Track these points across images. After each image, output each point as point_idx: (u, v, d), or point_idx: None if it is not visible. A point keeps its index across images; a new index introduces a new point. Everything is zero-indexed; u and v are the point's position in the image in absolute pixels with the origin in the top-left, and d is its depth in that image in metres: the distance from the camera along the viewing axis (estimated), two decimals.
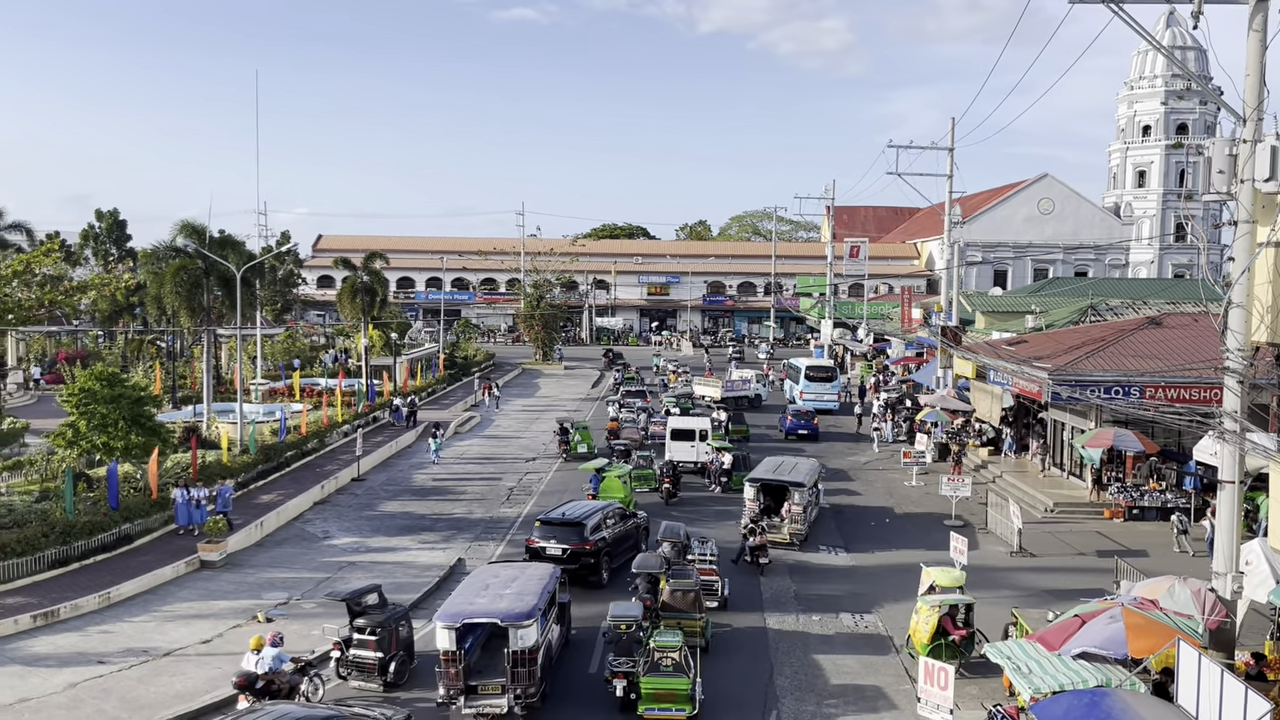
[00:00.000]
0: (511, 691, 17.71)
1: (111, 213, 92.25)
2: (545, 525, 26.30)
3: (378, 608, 19.89)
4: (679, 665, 18.08)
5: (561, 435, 44.26)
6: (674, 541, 24.71)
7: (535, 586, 19.37)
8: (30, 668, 19.91)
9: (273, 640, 18.14)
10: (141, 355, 65.43)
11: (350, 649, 19.29)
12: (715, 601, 23.61)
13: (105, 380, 30.44)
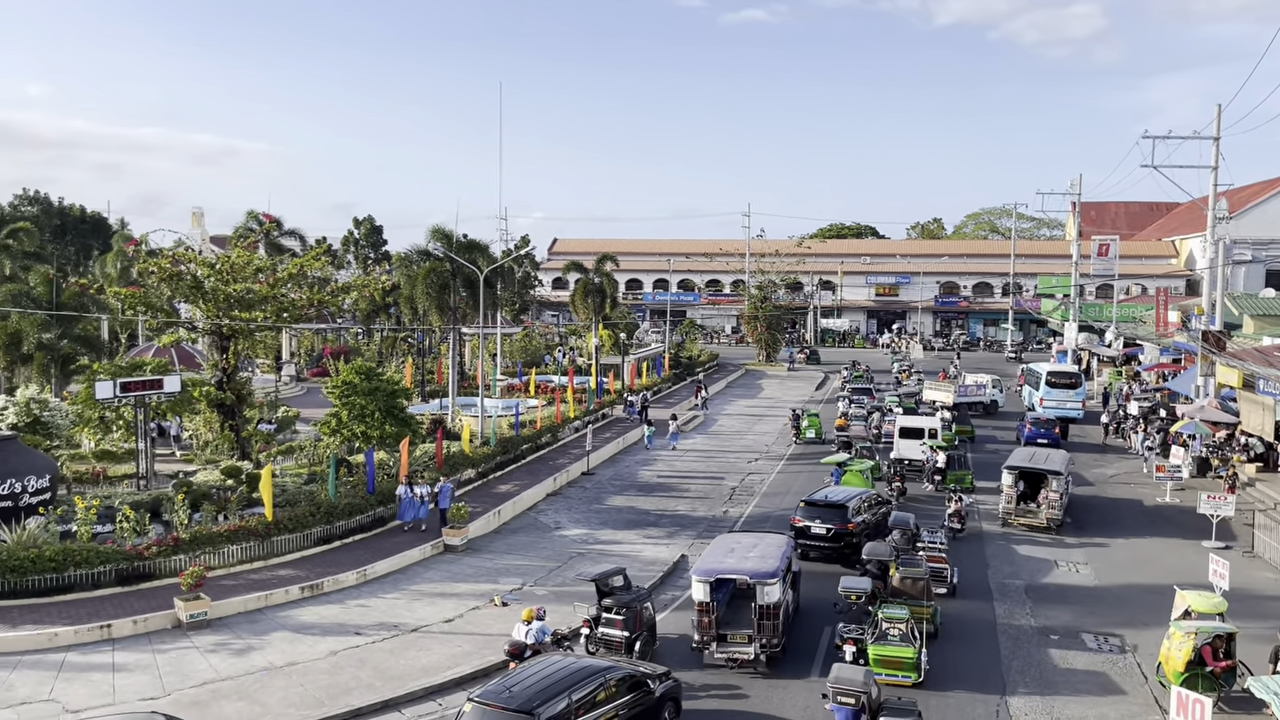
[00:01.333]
0: (757, 641, 20.30)
1: (368, 219, 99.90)
2: (810, 506, 28.21)
3: (623, 589, 21.48)
4: (905, 636, 19.65)
5: (794, 421, 49.12)
6: (904, 530, 25.93)
7: (775, 551, 21.95)
8: (298, 634, 21.99)
9: (538, 614, 20.07)
10: (395, 351, 70.62)
11: (599, 627, 20.80)
12: (944, 588, 24.69)
13: (364, 374, 33.07)
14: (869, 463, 36.53)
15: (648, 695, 17.53)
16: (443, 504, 29.63)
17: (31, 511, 26.30)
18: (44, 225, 66.46)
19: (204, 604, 22.41)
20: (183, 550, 24.71)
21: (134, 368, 34.71)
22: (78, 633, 21.27)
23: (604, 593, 21.07)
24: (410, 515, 29.68)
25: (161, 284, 34.32)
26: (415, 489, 29.81)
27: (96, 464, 34.44)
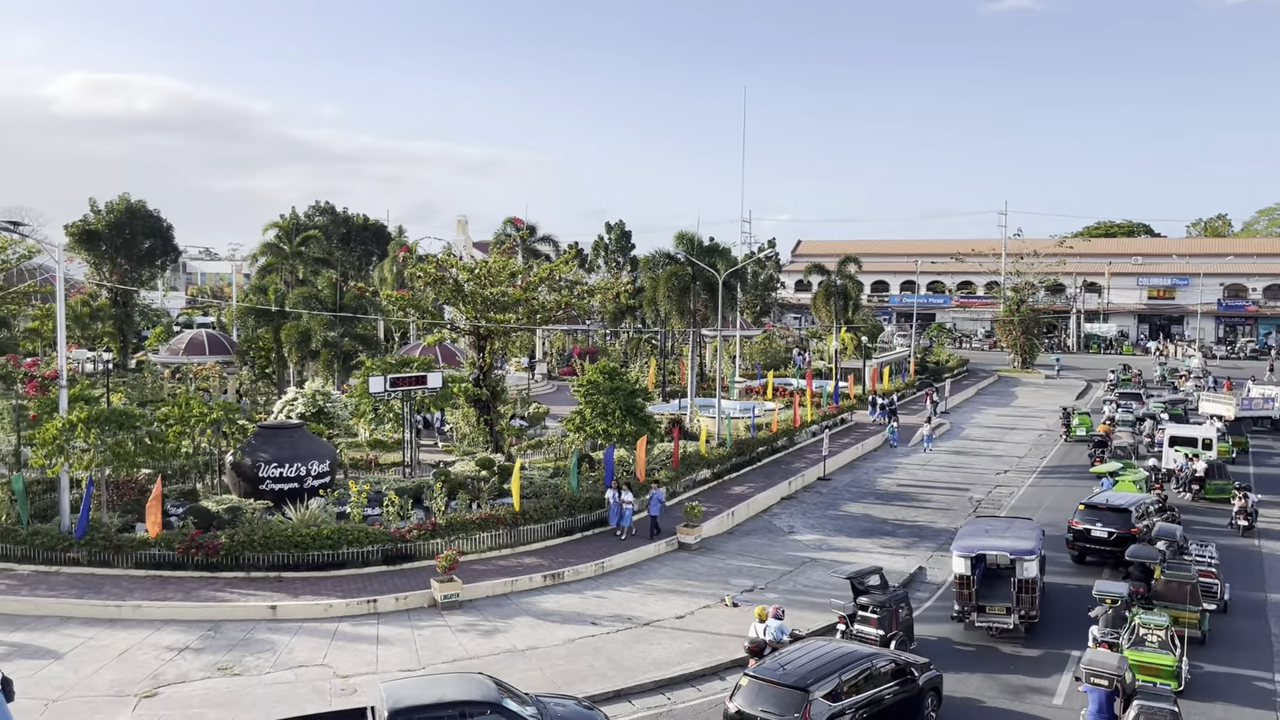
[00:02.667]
0: (1016, 612, 22.16)
1: (619, 224, 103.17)
2: (1090, 509, 28.40)
3: (880, 588, 21.88)
4: (1164, 643, 19.42)
5: (1064, 419, 50.28)
6: (1170, 541, 25.36)
7: (1030, 533, 23.87)
8: (539, 620, 23.16)
9: (775, 613, 20.53)
10: (639, 352, 72.63)
11: (854, 624, 21.25)
12: (1214, 605, 23.64)
13: (607, 374, 34.29)
14: (1142, 473, 35.42)
15: (911, 683, 18.21)
16: (652, 511, 29.66)
17: (313, 493, 29.21)
18: (332, 233, 73.17)
19: (457, 586, 24.05)
20: (439, 535, 26.63)
21: (402, 365, 37.71)
22: (348, 605, 23.42)
23: (859, 591, 21.57)
24: (614, 520, 29.50)
25: (427, 288, 37.12)
26: (623, 495, 29.37)
27: (370, 452, 37.75)
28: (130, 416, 27.32)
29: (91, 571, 25.12)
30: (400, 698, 15.74)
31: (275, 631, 22.19)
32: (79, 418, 26.01)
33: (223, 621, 22.65)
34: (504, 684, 16.99)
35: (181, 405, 30.76)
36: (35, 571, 25.20)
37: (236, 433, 30.41)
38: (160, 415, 29.81)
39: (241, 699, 18.70)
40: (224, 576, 24.91)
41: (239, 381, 51.35)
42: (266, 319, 50.92)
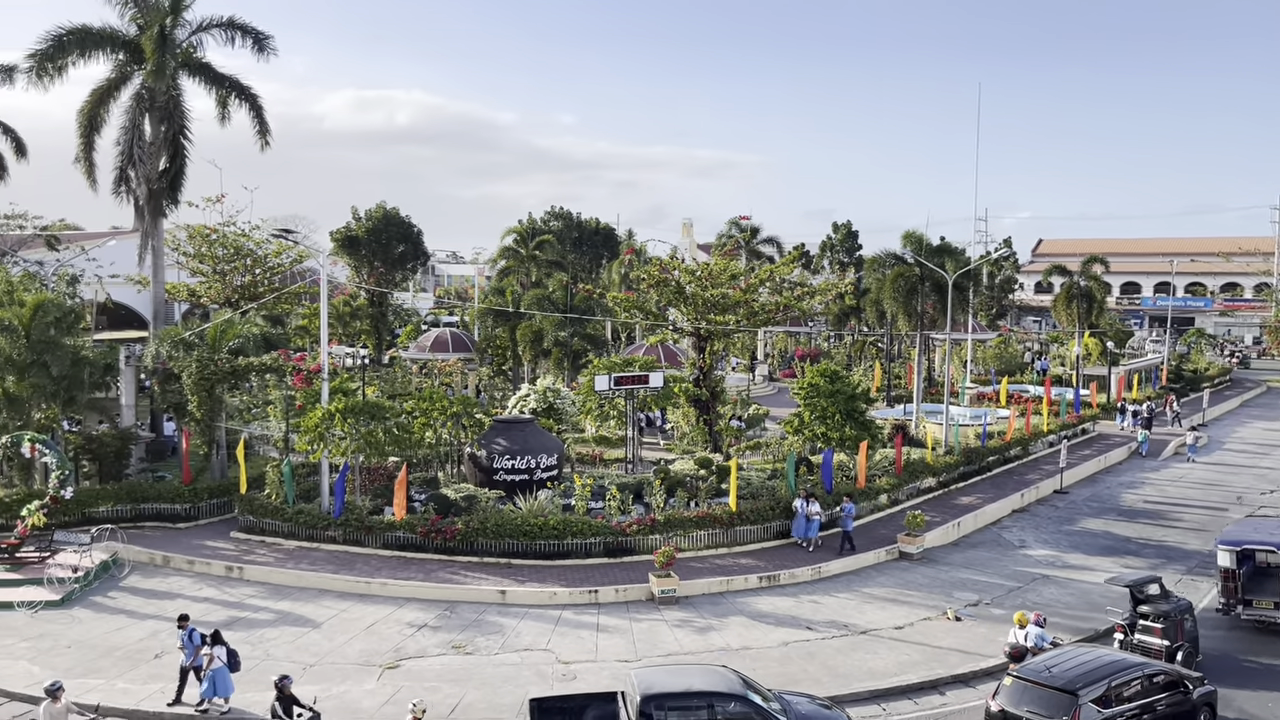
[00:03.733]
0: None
1: (845, 224, 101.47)
2: None
3: (1161, 598, 21.13)
4: None
5: None
6: None
7: None
8: (754, 621, 23.27)
9: (1037, 620, 20.35)
10: (863, 355, 71.14)
11: (1133, 633, 20.66)
12: None
13: (827, 377, 33.91)
14: None
15: (1185, 697, 17.71)
16: (845, 526, 28.34)
17: (541, 485, 30.63)
18: (565, 237, 76.22)
19: (673, 582, 24.56)
20: (658, 531, 27.28)
21: (626, 364, 38.81)
22: (571, 594, 24.43)
23: (1139, 600, 20.98)
24: (799, 531, 28.49)
25: (650, 289, 38.04)
26: (810, 505, 28.36)
27: (595, 447, 39.14)
28: (381, 408, 29.68)
29: (345, 549, 27.52)
30: (651, 684, 16.25)
31: (504, 615, 23.48)
32: (337, 408, 28.51)
33: (458, 603, 24.20)
34: (748, 678, 17.23)
35: (426, 399, 33.05)
36: (299, 547, 27.89)
37: (474, 426, 32.33)
38: (407, 408, 32.14)
39: (472, 676, 19.93)
40: (460, 560, 26.61)
41: (478, 378, 54.45)
42: (503, 319, 53.76)
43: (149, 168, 34.94)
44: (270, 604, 24.11)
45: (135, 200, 35.59)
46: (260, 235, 49.54)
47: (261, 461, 32.96)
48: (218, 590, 25.12)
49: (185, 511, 30.25)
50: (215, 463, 32.74)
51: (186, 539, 28.77)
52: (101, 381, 34.25)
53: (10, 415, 29.75)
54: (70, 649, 21.35)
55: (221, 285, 47.64)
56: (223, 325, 33.32)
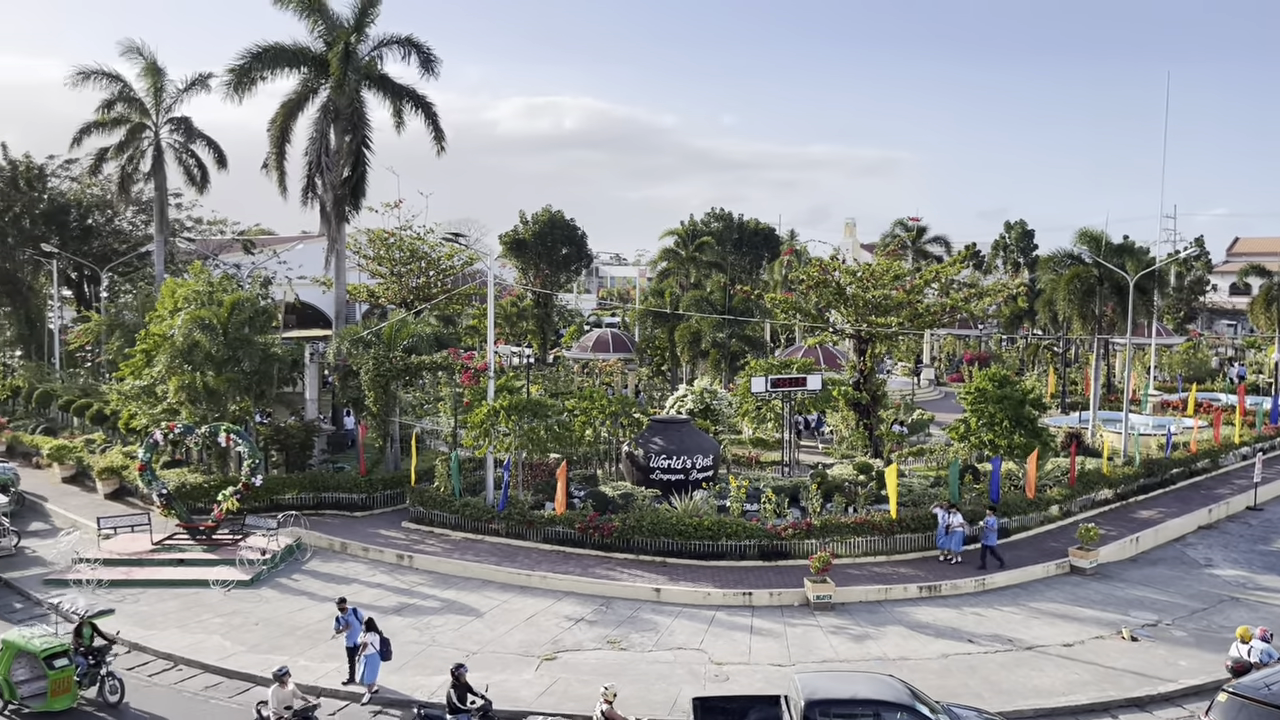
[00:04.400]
0: None
1: (1019, 223, 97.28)
2: None
3: None
4: None
5: None
6: None
7: None
8: (912, 631, 22.70)
9: (1263, 635, 19.26)
10: (1037, 360, 68.10)
11: None
12: None
13: (997, 381, 32.67)
14: None
15: None
16: (988, 541, 26.81)
17: (697, 485, 30.80)
18: (725, 239, 76.16)
19: (829, 588, 24.25)
20: (814, 536, 26.97)
21: (783, 366, 38.53)
22: (725, 595, 24.49)
23: None
24: (941, 543, 27.28)
25: (810, 291, 37.63)
26: (951, 517, 27.04)
27: (751, 449, 39.01)
28: (543, 406, 30.54)
29: (508, 542, 28.47)
30: (816, 689, 16.08)
31: (658, 613, 23.76)
32: (502, 405, 29.52)
33: (613, 599, 24.64)
34: (915, 688, 16.88)
35: (587, 398, 33.78)
36: (465, 538, 29.03)
37: (632, 425, 32.82)
38: (568, 406, 32.95)
39: (626, 672, 20.26)
40: (616, 557, 27.08)
41: (637, 378, 55.20)
42: (662, 320, 54.31)
43: (334, 175, 37.06)
44: (437, 592, 25.21)
45: (321, 206, 37.82)
46: (434, 239, 51.82)
47: (432, 455, 34.47)
48: (389, 577, 26.44)
49: (361, 501, 32.00)
50: (389, 455, 34.46)
51: (362, 527, 30.41)
52: (289, 377, 36.66)
53: (209, 407, 32.16)
54: (258, 626, 22.93)
55: (398, 286, 50.07)
56: (398, 325, 35.02)
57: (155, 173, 46.55)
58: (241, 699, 19.47)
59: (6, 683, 18.61)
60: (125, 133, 45.68)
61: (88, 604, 19.89)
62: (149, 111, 45.67)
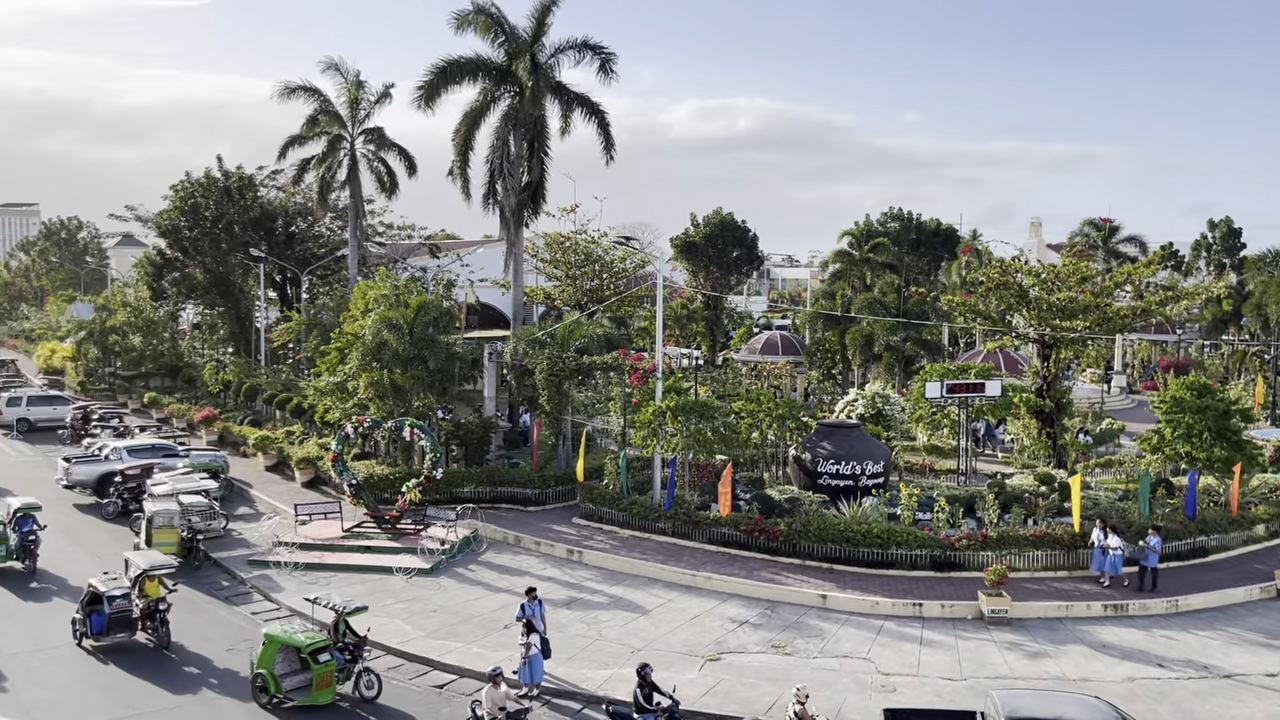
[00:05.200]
0: None
1: (1225, 221, 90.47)
2: None
3: None
4: None
5: None
6: None
7: None
8: (1095, 652, 21.54)
9: None
10: (1243, 368, 63.16)
11: None
12: None
13: (1195, 390, 30.58)
14: None
15: None
16: (1148, 562, 24.82)
17: (866, 491, 30.19)
18: (902, 239, 74.26)
19: (1005, 602, 23.32)
20: (989, 548, 25.98)
21: (960, 371, 37.26)
22: (894, 605, 23.93)
23: None
24: (1095, 565, 25.57)
25: (989, 293, 36.23)
26: (1109, 538, 25.28)
27: (925, 457, 37.93)
28: (710, 408, 30.69)
29: (674, 541, 28.76)
30: (1017, 708, 15.50)
31: (824, 619, 23.46)
32: (669, 406, 29.86)
33: (778, 603, 24.50)
34: (1125, 713, 16.05)
35: (754, 400, 33.70)
36: (632, 536, 29.51)
37: (800, 429, 32.52)
38: (735, 408, 32.97)
39: (790, 677, 20.10)
40: (781, 561, 26.91)
41: (807, 381, 54.58)
42: (833, 322, 53.50)
43: (513, 181, 38.46)
44: (605, 588, 25.74)
45: (501, 211, 39.33)
46: (607, 243, 52.91)
47: (602, 454, 35.21)
48: (559, 571, 27.19)
49: (535, 496, 33.04)
50: (561, 452, 35.43)
51: (535, 521, 31.39)
52: (469, 375, 38.27)
53: (395, 403, 33.94)
54: (436, 613, 24.05)
55: (573, 289, 51.40)
56: (571, 326, 35.97)
57: (351, 181, 49.61)
58: (419, 681, 20.48)
59: (271, 676, 19.01)
60: (325, 144, 48.89)
61: (343, 600, 20.29)
62: (346, 124, 48.69)
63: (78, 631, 21.82)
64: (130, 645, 21.87)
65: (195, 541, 27.74)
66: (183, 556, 27.18)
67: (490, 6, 37.70)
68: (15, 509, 27.05)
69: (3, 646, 21.90)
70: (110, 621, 21.44)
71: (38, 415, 48.36)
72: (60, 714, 19.00)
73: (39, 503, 27.97)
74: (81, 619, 21.73)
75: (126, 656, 21.47)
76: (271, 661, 19.13)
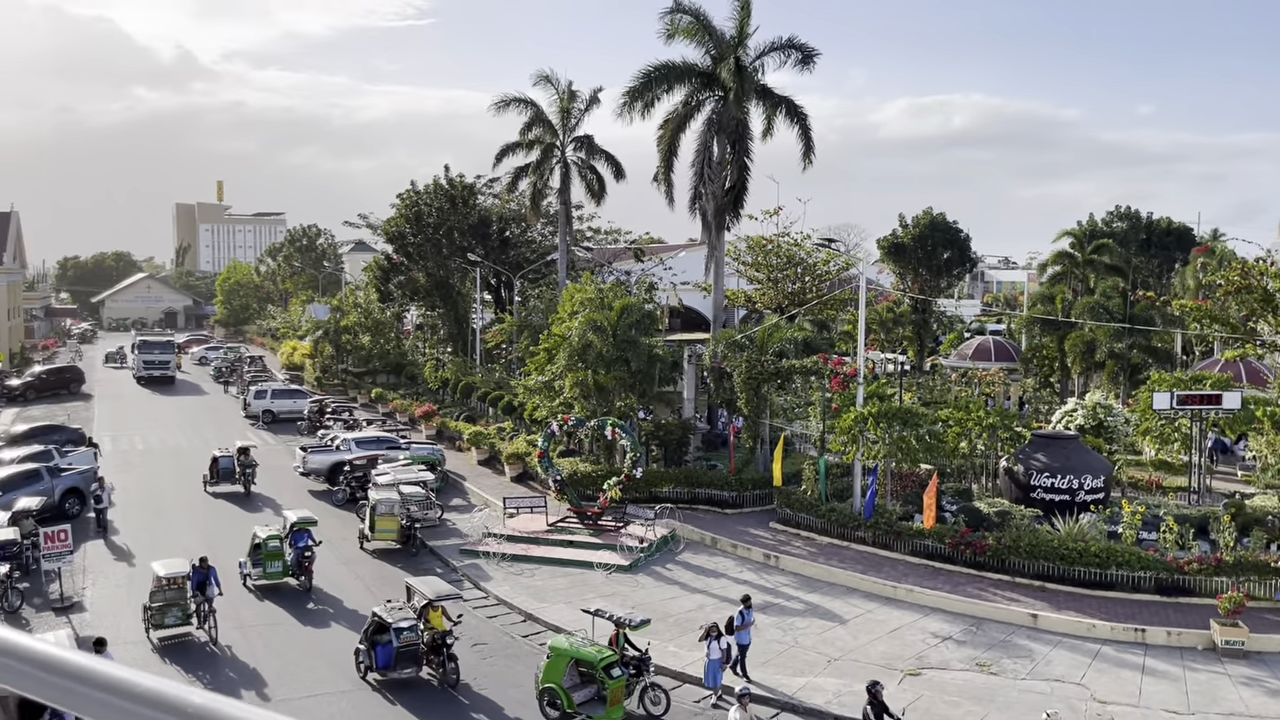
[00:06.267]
0: None
1: None
2: None
3: None
4: None
5: None
6: None
7: None
8: None
9: None
10: None
11: None
12: None
13: None
14: None
15: None
16: None
17: (1084, 507, 28.43)
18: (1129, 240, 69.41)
19: (1241, 632, 21.42)
20: (1225, 573, 23.93)
21: (1194, 381, 34.45)
22: (1113, 629, 22.44)
23: None
24: None
25: (1228, 297, 33.34)
26: None
27: (1152, 472, 35.30)
28: (915, 415, 29.78)
29: (874, 551, 28.10)
30: None
31: (1034, 640, 22.31)
32: (871, 412, 29.18)
33: (984, 620, 23.49)
34: None
35: (963, 408, 32.43)
36: (830, 543, 29.07)
37: (1011, 439, 31.03)
38: (942, 416, 31.83)
39: (996, 698, 19.27)
40: (989, 577, 25.77)
41: (1021, 389, 51.94)
42: (1052, 328, 50.63)
43: (716, 185, 38.68)
44: (801, 595, 25.47)
45: (703, 215, 39.64)
46: (809, 245, 52.36)
47: (800, 459, 34.85)
48: (755, 575, 27.13)
49: (732, 499, 33.10)
50: (759, 456, 35.32)
51: (731, 524, 31.46)
52: (670, 377, 38.80)
53: (598, 403, 34.88)
54: (633, 610, 24.52)
55: (774, 292, 51.14)
56: (770, 329, 35.80)
57: (562, 188, 51.37)
58: None
59: (563, 691, 18.25)
60: (538, 153, 50.85)
61: (626, 614, 19.93)
62: (557, 132, 50.45)
63: (361, 664, 20.27)
64: (415, 681, 20.18)
65: (413, 529, 29.46)
66: (401, 543, 29.01)
67: (696, 9, 38.12)
68: (291, 523, 26.20)
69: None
70: (397, 655, 19.74)
71: (280, 407, 52.80)
72: None
73: (314, 516, 27.30)
74: (366, 650, 20.14)
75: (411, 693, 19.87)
76: (561, 675, 18.30)
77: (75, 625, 22.84)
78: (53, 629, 22.31)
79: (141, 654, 21.70)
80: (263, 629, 23.46)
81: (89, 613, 24.18)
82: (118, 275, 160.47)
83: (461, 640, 21.66)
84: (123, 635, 22.30)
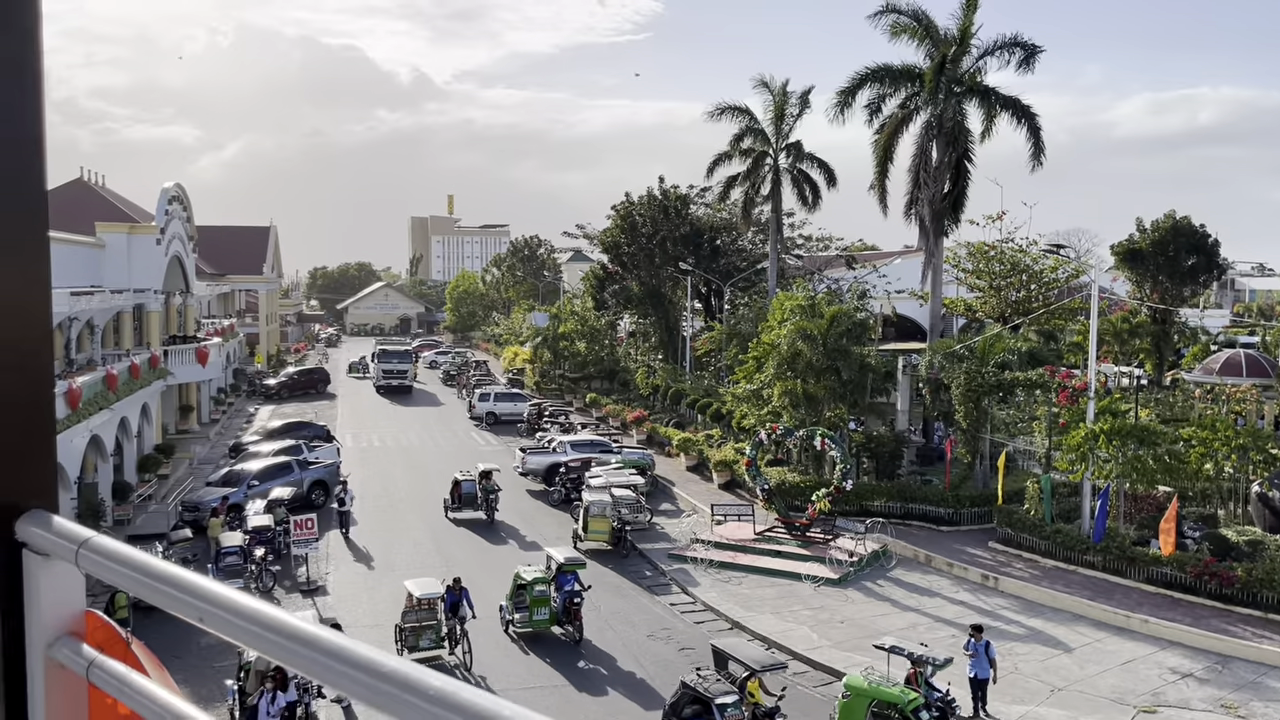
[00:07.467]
0: None
1: None
2: None
3: None
4: None
5: None
6: None
7: None
8: None
9: None
10: None
11: None
12: None
13: None
14: None
15: None
16: None
17: None
18: None
19: None
20: None
21: None
22: None
23: None
24: None
25: None
26: None
27: None
28: (1152, 433, 27.68)
29: (1104, 577, 26.31)
30: None
31: None
32: (1102, 429, 27.35)
33: (1231, 658, 21.56)
34: None
35: (1207, 427, 29.87)
36: (1055, 567, 27.46)
37: (1265, 461, 28.30)
38: (1184, 434, 29.45)
39: None
40: (1237, 611, 23.60)
41: (1277, 408, 47.25)
42: None
43: (933, 190, 37.49)
44: (1022, 619, 24.21)
45: (920, 221, 38.50)
46: (1036, 251, 49.78)
47: (1022, 476, 33.12)
48: (972, 596, 26.02)
49: (947, 516, 31.87)
50: (977, 472, 33.84)
51: (947, 542, 30.29)
52: (882, 387, 37.85)
53: (807, 412, 34.49)
54: (842, 624, 24.09)
55: (996, 300, 48.98)
56: (991, 339, 34.27)
57: (773, 196, 51.22)
58: (823, 690, 20.62)
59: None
60: (750, 161, 50.93)
61: (926, 652, 17.86)
62: (769, 140, 50.34)
63: None
64: None
65: (624, 531, 30.14)
66: (613, 544, 29.73)
67: (915, 10, 37.13)
68: (558, 564, 23.30)
69: None
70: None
71: (502, 410, 55.35)
72: None
73: (582, 559, 24.74)
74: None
75: None
76: (862, 718, 16.44)
77: (319, 607, 24.81)
78: (300, 609, 24.28)
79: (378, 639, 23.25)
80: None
81: (330, 596, 26.21)
82: (360, 284, 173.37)
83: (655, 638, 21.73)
84: (359, 620, 24.03)
